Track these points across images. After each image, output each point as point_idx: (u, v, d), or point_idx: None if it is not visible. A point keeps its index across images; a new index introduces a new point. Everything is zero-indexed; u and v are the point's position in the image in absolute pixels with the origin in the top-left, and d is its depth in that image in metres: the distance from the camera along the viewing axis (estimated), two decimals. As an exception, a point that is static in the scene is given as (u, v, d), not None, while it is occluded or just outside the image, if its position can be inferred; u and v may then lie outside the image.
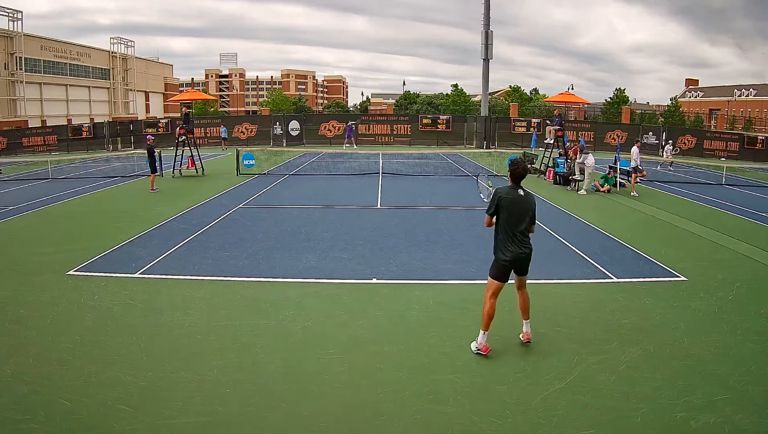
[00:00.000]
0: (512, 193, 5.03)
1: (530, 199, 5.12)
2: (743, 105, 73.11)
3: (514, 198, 5.00)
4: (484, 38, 34.33)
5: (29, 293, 6.86)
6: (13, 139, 34.44)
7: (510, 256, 5.01)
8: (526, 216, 5.02)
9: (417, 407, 4.27)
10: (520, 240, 5.02)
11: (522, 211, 5.00)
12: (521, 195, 5.03)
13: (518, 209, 4.98)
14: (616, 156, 18.59)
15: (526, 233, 5.08)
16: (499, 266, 5.09)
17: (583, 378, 4.74)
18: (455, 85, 65.32)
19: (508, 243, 5.01)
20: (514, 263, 5.06)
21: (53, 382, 4.59)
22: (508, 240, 5.01)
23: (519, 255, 5.02)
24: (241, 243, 9.47)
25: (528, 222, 5.05)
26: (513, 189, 5.06)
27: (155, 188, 15.91)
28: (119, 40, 74.02)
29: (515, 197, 5.00)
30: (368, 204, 13.61)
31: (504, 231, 5.03)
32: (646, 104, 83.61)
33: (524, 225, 5.02)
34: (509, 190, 5.05)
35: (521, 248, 5.02)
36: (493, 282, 5.11)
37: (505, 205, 4.98)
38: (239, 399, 4.38)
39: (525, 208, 5.02)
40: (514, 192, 5.04)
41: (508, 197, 5.00)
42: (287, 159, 25.68)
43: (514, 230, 4.99)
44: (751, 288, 7.23)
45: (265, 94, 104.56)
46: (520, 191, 5.04)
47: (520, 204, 5.00)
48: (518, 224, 4.99)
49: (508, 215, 4.97)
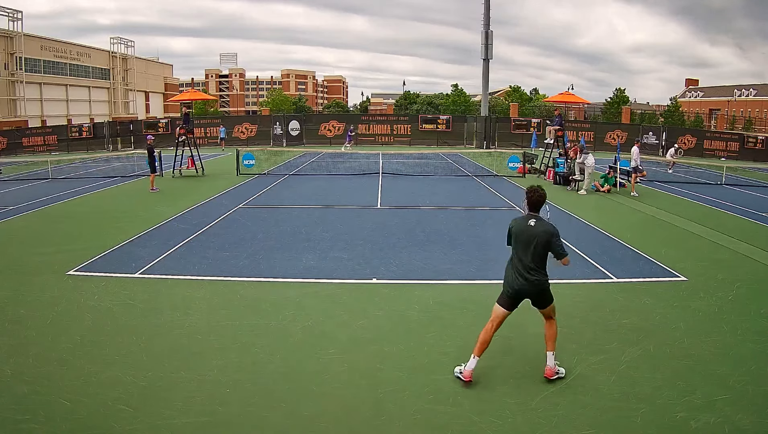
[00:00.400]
0: (521, 222, 4.80)
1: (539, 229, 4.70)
2: (743, 105, 73.11)
3: (522, 227, 4.75)
4: (484, 38, 34.34)
5: (29, 293, 6.86)
6: (13, 139, 34.46)
7: (509, 286, 4.74)
8: (530, 246, 4.66)
9: (417, 407, 4.27)
10: (524, 270, 4.68)
11: (527, 241, 4.68)
12: (530, 225, 4.72)
13: (524, 238, 4.70)
14: (616, 156, 18.59)
15: (533, 264, 4.68)
16: (502, 292, 4.83)
17: (583, 378, 4.74)
18: (455, 85, 65.43)
19: (510, 272, 4.76)
20: (516, 293, 4.72)
21: (53, 382, 4.59)
22: (511, 268, 4.77)
23: (521, 286, 4.68)
24: (241, 243, 9.47)
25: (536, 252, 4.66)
26: (525, 218, 4.82)
27: (155, 188, 15.91)
28: (119, 40, 74.00)
29: (523, 226, 4.74)
30: (368, 204, 13.61)
31: (512, 258, 4.81)
32: (646, 104, 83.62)
33: (530, 256, 4.67)
34: (520, 219, 4.85)
35: (520, 278, 4.67)
36: (495, 305, 4.82)
37: (513, 234, 4.79)
38: (239, 399, 4.38)
39: (531, 237, 4.68)
40: (524, 221, 4.78)
41: (516, 226, 4.80)
42: (287, 159, 25.68)
43: (519, 260, 4.72)
44: (751, 288, 7.23)
45: (265, 94, 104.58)
46: (531, 221, 4.74)
47: (525, 233, 4.71)
48: (524, 254, 4.68)
49: (515, 243, 4.76)
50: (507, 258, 4.86)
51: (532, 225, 4.71)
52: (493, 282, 7.46)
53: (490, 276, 7.67)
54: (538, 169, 20.32)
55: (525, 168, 19.84)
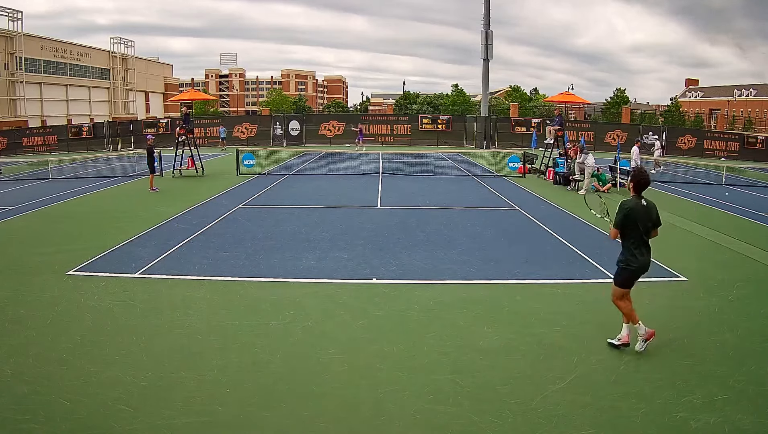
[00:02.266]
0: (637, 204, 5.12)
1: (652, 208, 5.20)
2: (743, 105, 73.09)
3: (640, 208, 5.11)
4: (484, 38, 34.37)
5: (29, 293, 6.86)
6: (13, 139, 34.48)
7: (641, 264, 5.14)
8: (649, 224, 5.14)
9: (417, 407, 4.27)
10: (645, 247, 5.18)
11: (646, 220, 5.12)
12: (645, 204, 5.14)
13: (645, 218, 5.10)
14: (616, 156, 18.61)
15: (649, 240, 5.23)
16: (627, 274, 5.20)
17: (583, 378, 4.74)
18: (455, 85, 65.40)
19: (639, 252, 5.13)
20: (640, 270, 5.18)
21: (53, 382, 4.59)
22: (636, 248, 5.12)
23: (647, 262, 5.18)
24: (241, 243, 9.47)
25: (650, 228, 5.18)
26: (636, 199, 5.15)
27: (155, 188, 15.91)
28: (119, 40, 74.02)
29: (642, 207, 5.11)
30: (368, 204, 13.61)
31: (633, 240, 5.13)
32: (646, 104, 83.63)
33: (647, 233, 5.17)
34: (633, 203, 5.14)
35: (647, 255, 5.19)
36: (619, 290, 5.27)
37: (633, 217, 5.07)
38: (239, 399, 4.38)
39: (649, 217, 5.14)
40: (638, 202, 5.13)
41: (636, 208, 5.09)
42: (287, 159, 25.68)
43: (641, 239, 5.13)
44: (751, 288, 7.23)
45: (265, 94, 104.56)
46: (643, 201, 5.15)
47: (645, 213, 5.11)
48: (645, 233, 5.14)
49: (637, 224, 5.07)
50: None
51: (646, 205, 5.16)
52: (493, 282, 7.48)
53: (490, 276, 7.68)
54: (538, 168, 20.31)
55: (525, 168, 19.84)
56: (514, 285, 7.34)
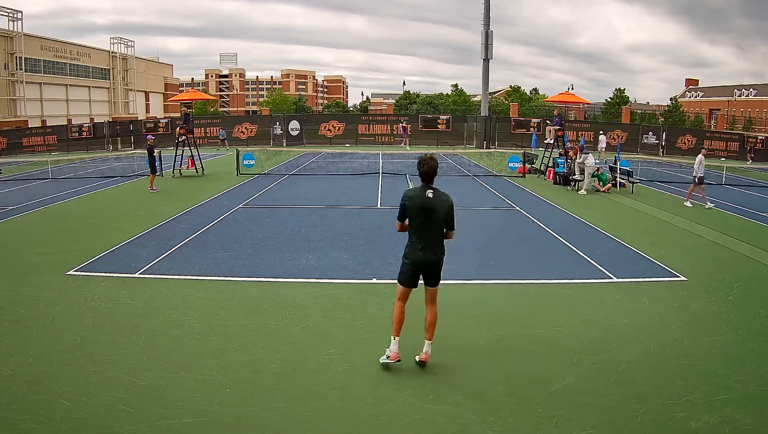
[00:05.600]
0: (419, 194, 4.71)
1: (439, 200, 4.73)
2: (743, 105, 73.06)
3: (420, 199, 4.69)
4: (484, 38, 34.35)
5: (29, 293, 6.86)
6: (13, 139, 34.45)
7: (414, 262, 4.74)
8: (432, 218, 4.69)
9: (417, 407, 4.27)
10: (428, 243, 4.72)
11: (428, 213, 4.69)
12: (429, 196, 4.69)
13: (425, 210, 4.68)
14: (616, 156, 18.60)
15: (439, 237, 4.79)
16: (401, 271, 4.83)
17: (583, 378, 4.74)
18: (455, 85, 65.44)
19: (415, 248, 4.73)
20: (420, 268, 4.77)
21: (53, 382, 4.59)
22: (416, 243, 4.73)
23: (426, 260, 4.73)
24: (241, 243, 9.47)
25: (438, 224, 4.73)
26: (421, 189, 4.74)
27: (155, 188, 15.90)
28: (119, 40, 73.99)
29: (422, 199, 4.69)
30: (368, 204, 13.61)
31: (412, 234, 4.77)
32: (646, 104, 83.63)
33: (434, 228, 4.73)
34: (415, 192, 4.75)
35: (428, 252, 4.72)
36: (398, 286, 4.90)
37: (411, 207, 4.69)
38: (239, 399, 4.38)
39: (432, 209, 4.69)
40: (421, 192, 4.71)
41: (413, 198, 4.70)
42: (287, 159, 25.67)
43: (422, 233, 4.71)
44: (751, 288, 7.23)
45: (265, 94, 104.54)
46: (428, 192, 4.70)
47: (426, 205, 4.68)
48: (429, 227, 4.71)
49: (416, 217, 4.69)
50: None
51: (430, 197, 4.69)
52: (493, 282, 7.48)
53: (490, 276, 7.67)
54: (538, 169, 20.31)
55: (525, 168, 19.84)
56: (514, 285, 7.35)
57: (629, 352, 5.23)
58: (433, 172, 4.74)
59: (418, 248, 4.73)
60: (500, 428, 4.00)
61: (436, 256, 4.79)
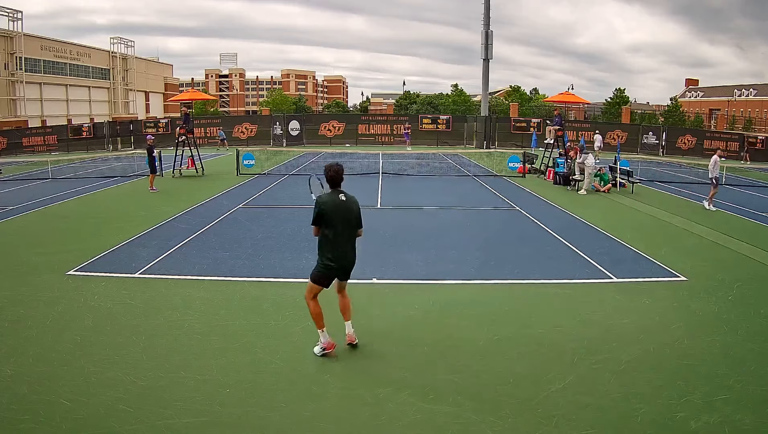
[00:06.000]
0: (333, 199, 5.01)
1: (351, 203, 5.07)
2: (743, 105, 73.06)
3: (336, 203, 5.00)
4: (483, 38, 34.34)
5: (29, 293, 6.86)
6: (13, 139, 34.43)
7: (335, 263, 5.01)
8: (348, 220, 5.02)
9: (417, 407, 4.27)
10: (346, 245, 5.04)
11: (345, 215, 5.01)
12: (342, 200, 5.02)
13: (341, 214, 4.99)
14: (617, 156, 18.60)
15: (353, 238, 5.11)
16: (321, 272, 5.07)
17: (583, 378, 4.74)
18: (455, 85, 65.42)
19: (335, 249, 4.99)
20: (339, 270, 5.08)
21: (53, 382, 4.59)
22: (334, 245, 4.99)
23: (348, 262, 5.08)
24: (241, 243, 9.47)
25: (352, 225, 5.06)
26: (333, 194, 5.05)
27: (155, 188, 15.90)
28: (119, 40, 74.00)
29: (337, 202, 5.00)
30: (368, 204, 13.60)
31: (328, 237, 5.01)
32: (646, 104, 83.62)
33: (349, 230, 5.04)
34: (328, 197, 5.03)
35: (350, 254, 5.08)
36: (314, 286, 5.11)
37: (327, 211, 4.96)
38: (239, 399, 4.38)
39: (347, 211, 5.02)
40: (335, 197, 5.02)
41: (328, 203, 4.99)
42: (287, 159, 25.67)
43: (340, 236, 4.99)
44: (751, 288, 7.23)
45: (265, 94, 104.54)
46: (341, 196, 5.03)
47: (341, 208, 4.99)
48: (345, 229, 5.01)
49: (332, 220, 4.96)
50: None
51: (344, 200, 5.03)
52: (493, 282, 7.48)
53: (490, 276, 7.67)
54: (538, 169, 20.31)
55: (525, 168, 19.85)
56: (514, 285, 7.34)
57: (629, 352, 5.22)
58: (339, 177, 5.10)
59: (341, 249, 5.02)
60: (500, 428, 4.00)
61: (354, 254, 5.17)
